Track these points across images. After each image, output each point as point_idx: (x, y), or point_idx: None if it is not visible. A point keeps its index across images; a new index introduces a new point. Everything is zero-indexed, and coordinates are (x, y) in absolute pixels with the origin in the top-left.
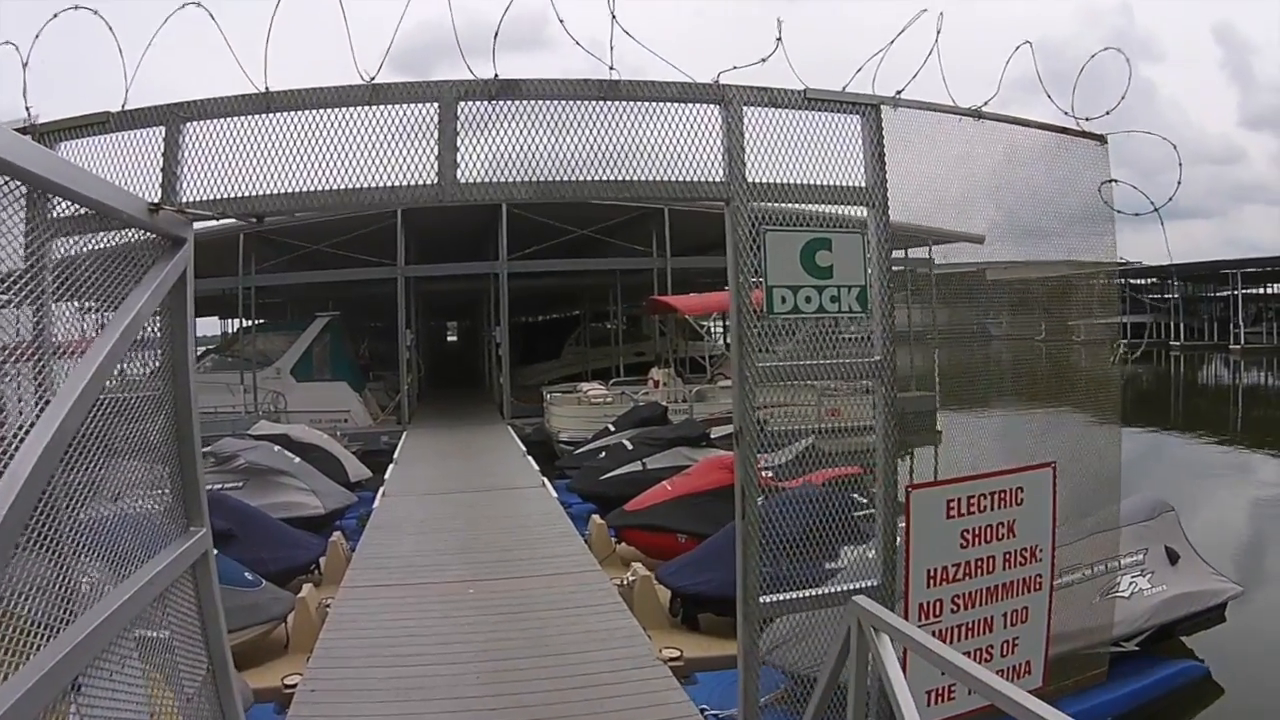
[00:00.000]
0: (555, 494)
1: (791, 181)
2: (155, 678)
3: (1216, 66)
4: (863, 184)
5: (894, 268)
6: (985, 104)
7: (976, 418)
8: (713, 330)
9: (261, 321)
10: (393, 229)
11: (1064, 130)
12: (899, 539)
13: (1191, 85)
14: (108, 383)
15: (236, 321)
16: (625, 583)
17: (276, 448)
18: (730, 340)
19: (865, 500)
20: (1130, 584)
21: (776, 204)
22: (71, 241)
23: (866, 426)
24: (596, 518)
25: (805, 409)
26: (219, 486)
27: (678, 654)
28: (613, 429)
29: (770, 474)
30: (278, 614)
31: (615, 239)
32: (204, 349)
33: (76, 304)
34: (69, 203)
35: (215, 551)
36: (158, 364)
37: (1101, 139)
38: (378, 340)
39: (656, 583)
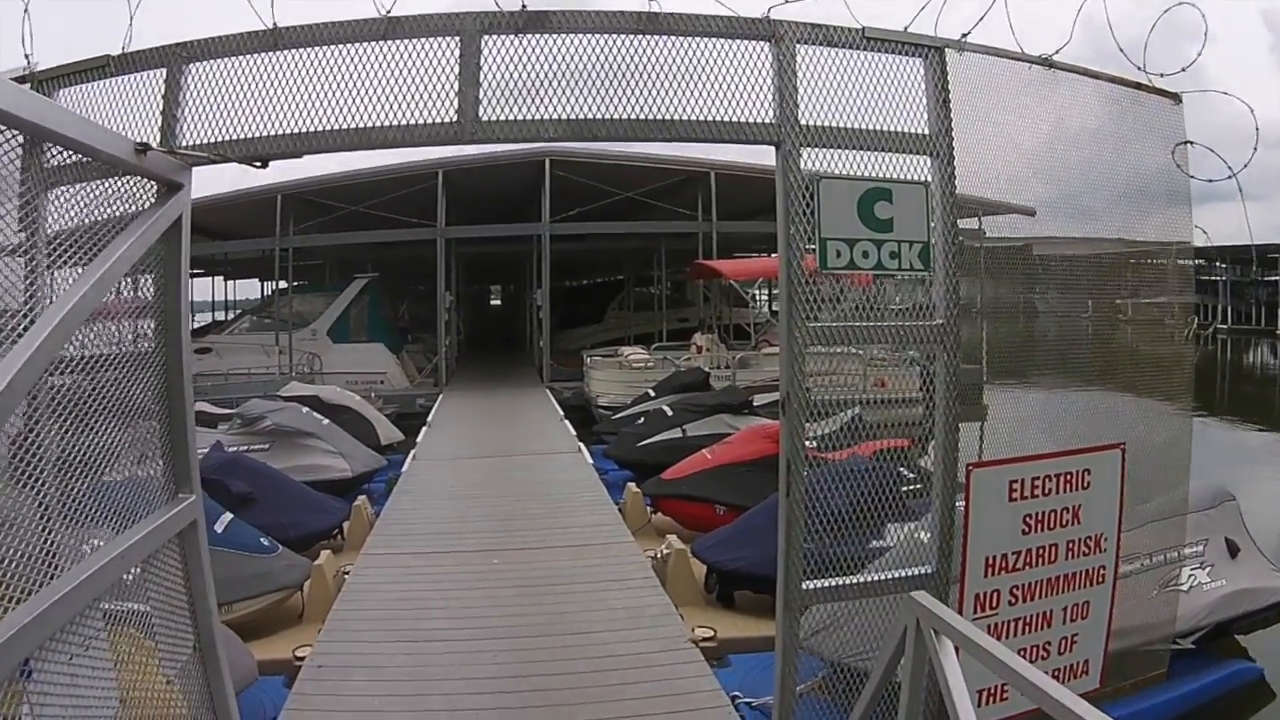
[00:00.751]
0: (591, 460)
1: (848, 125)
2: (130, 657)
3: (1266, 50)
4: (925, 131)
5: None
6: (1056, 53)
7: (1027, 393)
8: (757, 297)
9: (300, 284)
10: (433, 190)
11: (1137, 85)
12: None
13: (1240, 68)
14: (79, 334)
15: (277, 284)
16: (659, 556)
17: (305, 409)
18: (779, 299)
19: (912, 475)
20: (1190, 577)
21: (831, 148)
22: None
23: (912, 399)
24: (632, 486)
25: (851, 378)
26: (244, 448)
27: (711, 634)
28: (653, 394)
29: (813, 444)
30: (292, 582)
31: (660, 203)
32: (240, 311)
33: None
34: (61, 150)
35: (231, 517)
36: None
37: (1176, 97)
38: (418, 303)
39: (691, 557)
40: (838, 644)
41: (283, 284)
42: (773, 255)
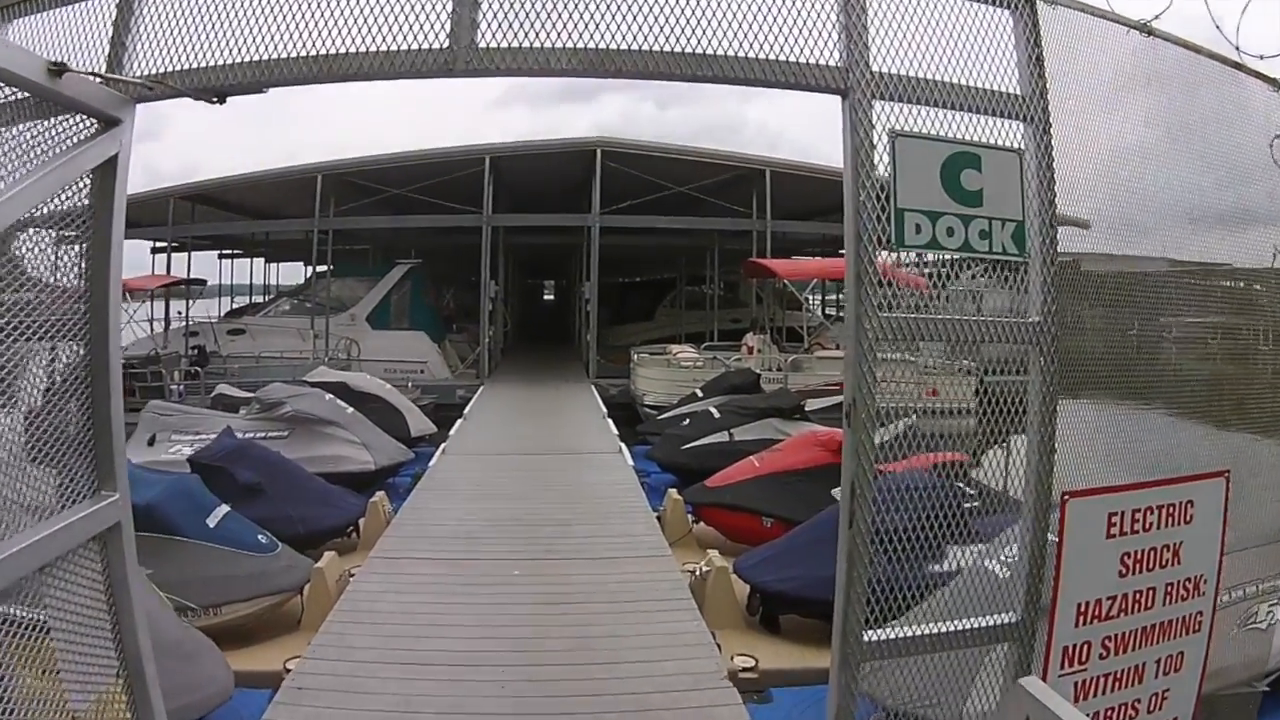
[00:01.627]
0: (632, 462)
1: (928, 77)
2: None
3: None
4: (1017, 91)
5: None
6: (1155, 19)
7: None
8: (810, 301)
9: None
10: (480, 177)
11: (1237, 66)
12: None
13: None
14: None
15: (314, 266)
16: (698, 573)
17: (328, 396)
18: (845, 284)
19: (973, 492)
20: (1268, 614)
21: (907, 103)
22: None
23: (964, 409)
24: (674, 492)
25: (904, 386)
26: (259, 435)
27: (751, 664)
28: (700, 395)
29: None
30: (290, 585)
31: (714, 199)
32: (277, 293)
33: None
34: None
35: (226, 510)
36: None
37: (1276, 83)
38: (465, 292)
39: (734, 575)
40: (896, 686)
41: (321, 267)
42: (840, 254)
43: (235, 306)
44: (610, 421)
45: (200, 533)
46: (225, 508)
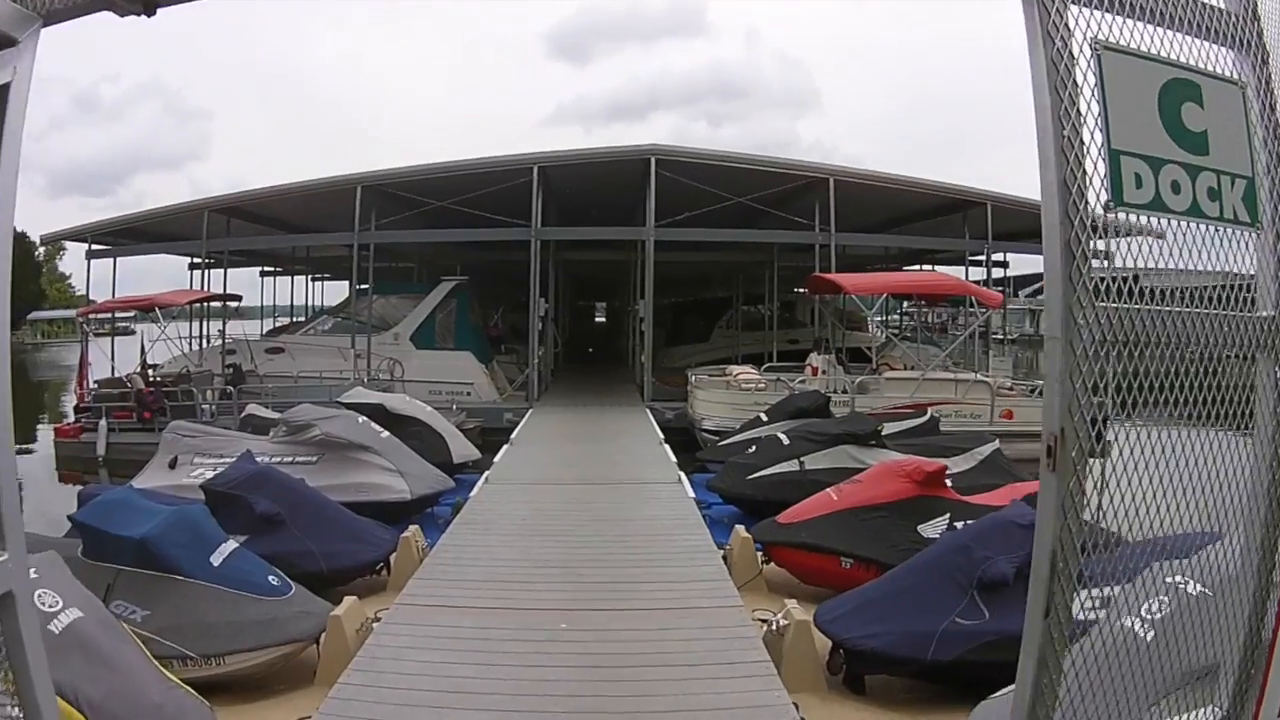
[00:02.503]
0: (692, 492)
1: None
2: None
3: None
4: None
5: None
6: None
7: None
8: (870, 320)
9: (383, 284)
10: (528, 189)
11: None
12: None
13: None
14: None
15: (354, 281)
16: (775, 627)
17: (361, 419)
18: (1044, 253)
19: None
20: None
21: (1104, 9)
22: None
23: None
24: (741, 529)
25: (977, 407)
26: (286, 460)
27: None
28: (765, 419)
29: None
30: (303, 633)
31: (775, 210)
32: (319, 310)
33: None
34: None
35: (234, 546)
36: None
37: None
38: (514, 312)
39: (814, 627)
40: None
41: (363, 285)
42: (905, 269)
43: (276, 325)
44: (667, 448)
45: (203, 571)
46: (233, 543)
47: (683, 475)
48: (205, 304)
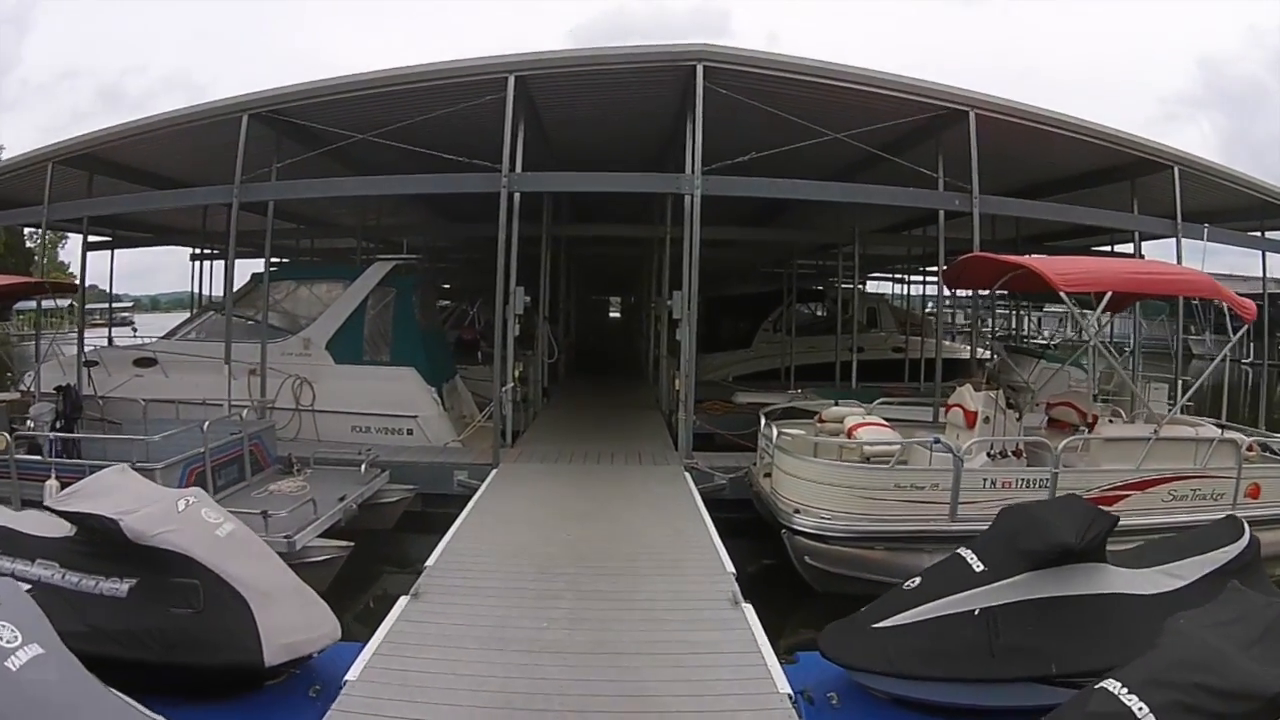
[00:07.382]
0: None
1: None
2: None
3: None
4: None
5: None
6: None
7: None
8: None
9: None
10: (499, 110)
11: None
12: None
13: None
14: None
15: (230, 263)
16: None
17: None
18: None
19: None
20: None
21: None
22: None
23: None
24: None
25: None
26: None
27: None
28: (958, 538)
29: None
30: None
31: (880, 152)
32: (205, 304)
33: None
34: None
35: None
36: None
37: None
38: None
39: None
40: None
41: (255, 266)
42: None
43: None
44: (731, 570)
45: None
46: None
47: (781, 671)
48: (32, 292)
